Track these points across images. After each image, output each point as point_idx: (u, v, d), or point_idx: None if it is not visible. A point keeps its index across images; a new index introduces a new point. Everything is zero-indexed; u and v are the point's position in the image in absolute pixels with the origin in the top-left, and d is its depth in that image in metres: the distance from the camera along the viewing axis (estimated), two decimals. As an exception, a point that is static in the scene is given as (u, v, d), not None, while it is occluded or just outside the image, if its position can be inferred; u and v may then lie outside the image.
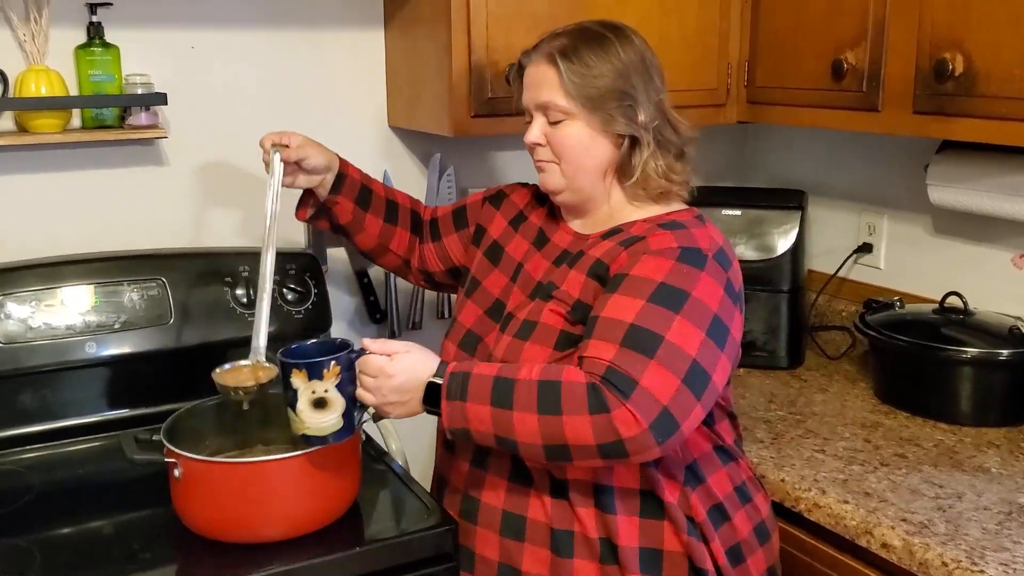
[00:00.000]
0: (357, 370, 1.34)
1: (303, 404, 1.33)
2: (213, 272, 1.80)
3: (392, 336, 2.10)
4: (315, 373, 1.31)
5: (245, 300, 1.80)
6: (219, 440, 1.53)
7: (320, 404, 1.33)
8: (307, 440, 1.35)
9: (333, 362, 1.32)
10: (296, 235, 2.00)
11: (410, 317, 2.12)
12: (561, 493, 1.38)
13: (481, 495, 1.44)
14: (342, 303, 2.06)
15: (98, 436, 1.71)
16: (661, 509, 1.36)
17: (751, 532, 1.42)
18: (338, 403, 1.33)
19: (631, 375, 1.23)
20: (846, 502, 1.45)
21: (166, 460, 1.34)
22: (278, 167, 1.54)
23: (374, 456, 1.62)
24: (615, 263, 1.36)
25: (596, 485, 1.36)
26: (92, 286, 1.70)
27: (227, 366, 1.46)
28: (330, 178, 1.61)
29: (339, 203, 1.62)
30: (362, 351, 1.34)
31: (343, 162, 1.63)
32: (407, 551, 1.38)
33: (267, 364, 1.45)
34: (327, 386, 1.32)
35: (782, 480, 1.54)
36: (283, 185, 1.55)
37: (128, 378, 1.75)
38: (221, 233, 1.92)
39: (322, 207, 1.64)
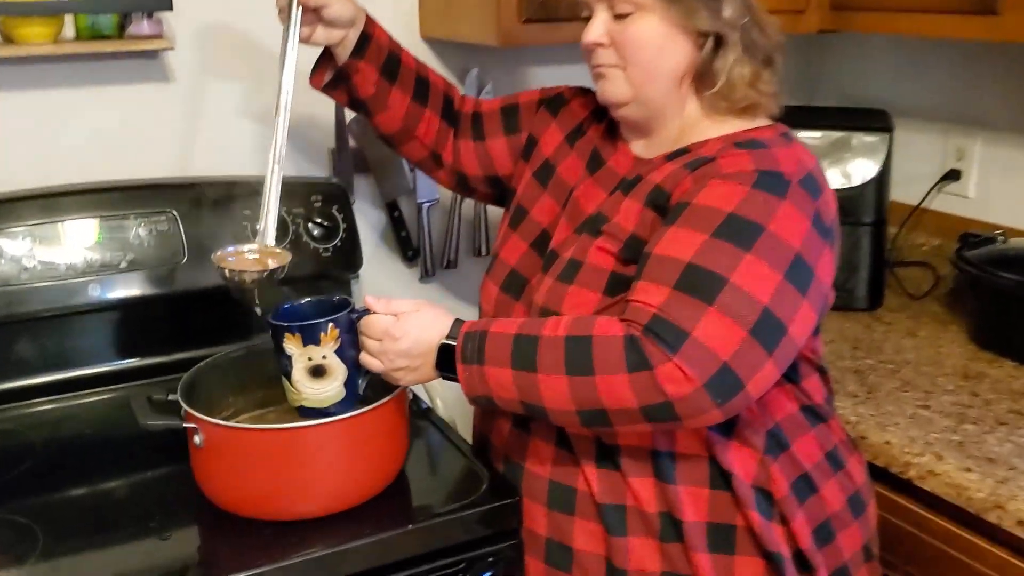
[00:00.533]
0: (360, 332, 1.16)
1: (299, 372, 1.14)
2: (230, 203, 1.59)
3: (425, 276, 1.90)
4: (310, 337, 1.13)
5: (266, 235, 1.59)
6: (243, 398, 1.34)
7: (318, 372, 1.14)
8: (304, 412, 1.16)
9: (331, 324, 1.13)
10: (318, 162, 1.78)
11: (445, 254, 1.92)
12: (610, 461, 1.18)
13: (525, 461, 1.25)
14: (370, 239, 1.85)
15: (105, 389, 1.53)
16: (732, 480, 1.17)
17: (844, 505, 1.22)
18: (338, 370, 1.15)
19: (681, 325, 1.03)
20: (969, 470, 1.26)
21: (185, 426, 1.15)
22: (296, 13, 1.27)
23: (415, 412, 1.43)
24: (677, 189, 1.14)
25: (653, 451, 1.17)
26: (94, 220, 1.50)
27: (230, 249, 1.26)
28: (353, 35, 1.32)
29: (361, 70, 1.34)
30: (364, 311, 1.15)
31: (370, 20, 1.35)
32: (465, 527, 1.19)
33: (277, 249, 1.26)
34: (325, 352, 1.14)
35: (887, 442, 1.35)
36: (299, 40, 1.29)
37: (137, 324, 1.56)
38: (238, 159, 1.70)
39: (341, 73, 1.36)
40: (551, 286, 1.20)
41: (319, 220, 1.64)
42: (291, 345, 1.13)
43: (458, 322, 1.14)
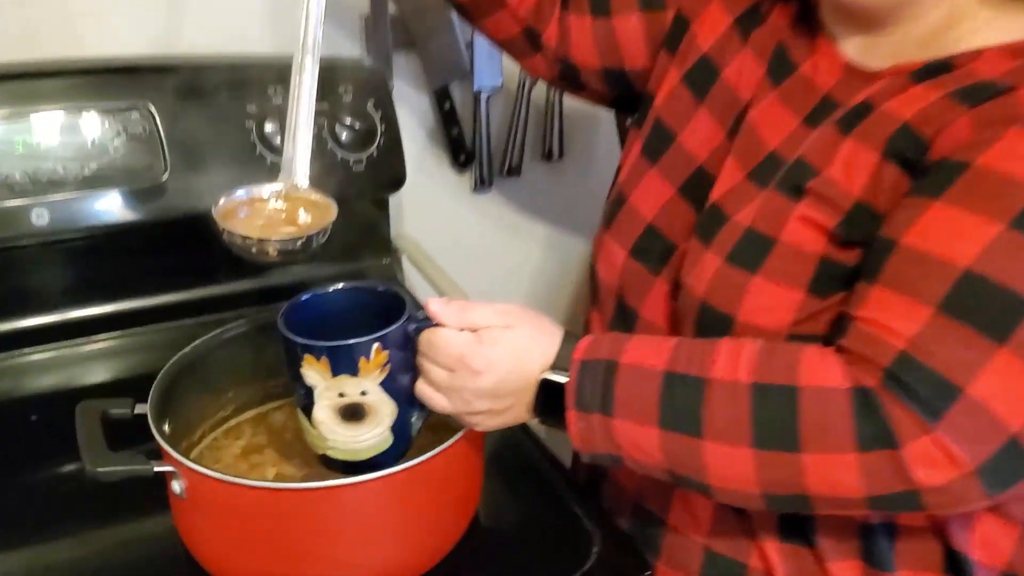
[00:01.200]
0: (419, 353, 0.75)
1: (324, 412, 0.74)
2: (229, 95, 1.15)
3: (479, 186, 1.47)
4: (344, 364, 0.72)
5: (278, 141, 1.16)
6: (250, 387, 0.95)
7: (354, 414, 0.74)
8: (330, 463, 0.78)
9: (376, 345, 0.72)
10: (346, 34, 1.33)
11: (506, 159, 1.48)
12: (800, 536, 0.81)
13: (669, 516, 0.87)
14: (412, 140, 1.41)
15: (53, 346, 1.13)
16: (973, 568, 0.79)
17: None
18: (384, 410, 0.75)
19: (949, 375, 0.64)
20: None
21: (157, 470, 0.75)
22: None
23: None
24: (944, 136, 0.70)
25: (863, 527, 0.79)
26: (40, 117, 1.07)
27: (239, 195, 0.83)
28: None
29: None
30: (425, 320, 0.74)
31: None
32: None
33: (313, 195, 0.84)
34: (366, 385, 0.73)
35: None
36: None
37: (100, 263, 1.15)
38: (240, 33, 1.25)
39: None
40: (719, 270, 0.79)
41: (350, 120, 1.20)
42: (314, 373, 0.72)
43: (568, 342, 0.74)
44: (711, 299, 0.78)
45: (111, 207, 1.10)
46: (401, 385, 0.74)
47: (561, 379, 0.72)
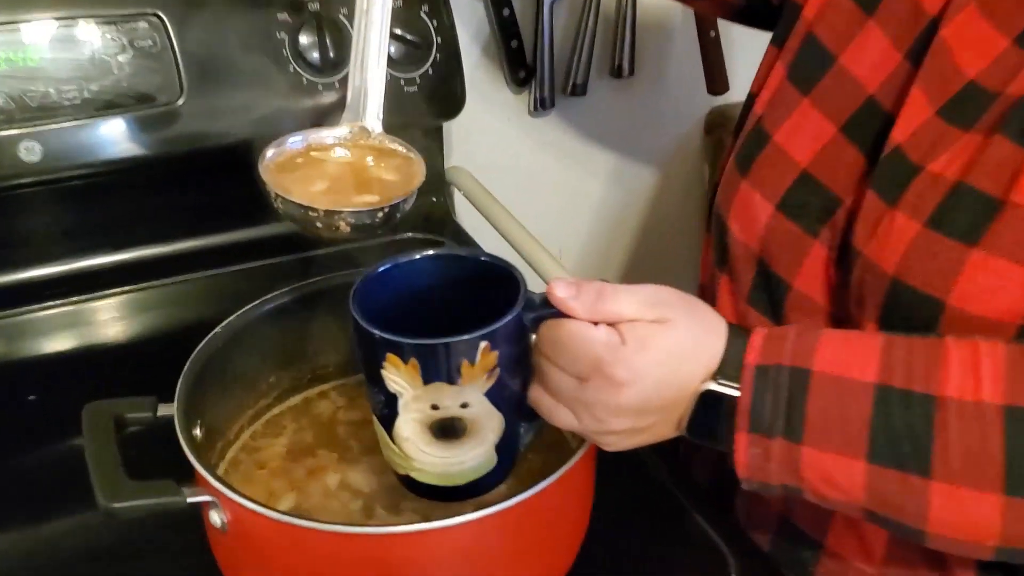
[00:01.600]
0: (537, 352, 0.56)
1: (411, 428, 0.56)
2: (255, 2, 0.95)
3: (539, 107, 1.27)
4: (441, 368, 0.53)
5: (316, 56, 0.96)
6: (293, 369, 0.77)
7: (451, 431, 0.55)
8: (415, 487, 0.59)
9: (484, 344, 0.53)
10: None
11: (570, 76, 1.28)
12: (1002, 566, 0.64)
13: (826, 539, 0.70)
14: (465, 55, 1.19)
15: (52, 305, 0.96)
16: None
17: None
18: (489, 425, 0.56)
19: None
20: None
21: (190, 501, 0.58)
22: None
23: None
24: None
25: None
26: (28, 28, 0.86)
27: (293, 141, 0.64)
28: None
29: None
30: (547, 309, 0.54)
31: None
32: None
33: (390, 142, 0.65)
34: (467, 396, 0.54)
35: None
36: None
37: (104, 206, 0.97)
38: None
39: None
40: (918, 238, 0.60)
41: (400, 31, 1.00)
42: (399, 378, 0.54)
43: (737, 338, 0.55)
44: (908, 276, 0.60)
45: (116, 138, 0.90)
46: (512, 392, 0.56)
47: (731, 391, 0.54)
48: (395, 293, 0.58)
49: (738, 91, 1.34)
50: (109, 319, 0.96)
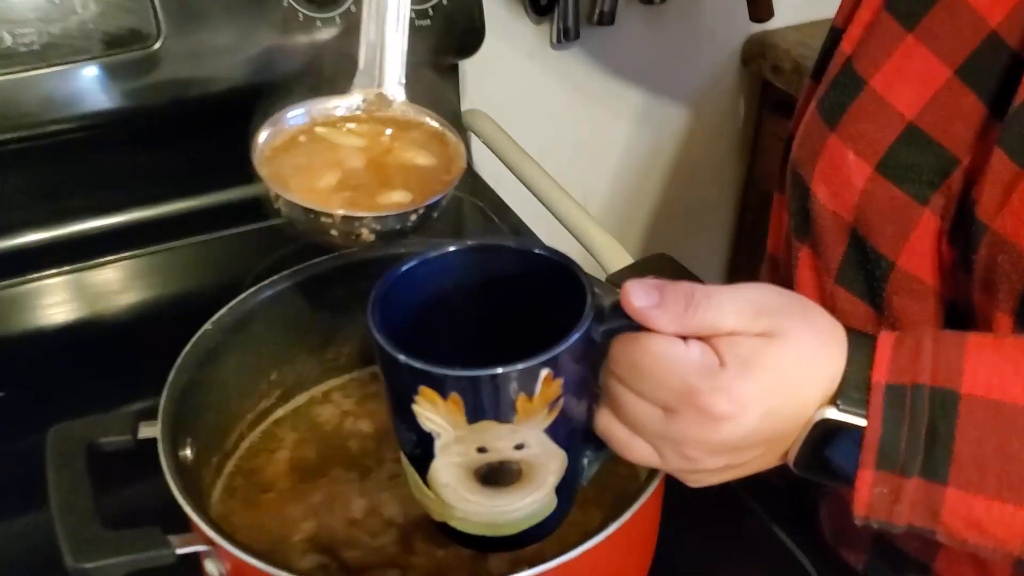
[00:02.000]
0: (609, 373, 0.44)
1: (451, 473, 0.44)
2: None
3: (562, 39, 1.14)
4: (491, 405, 0.42)
5: (314, -9, 0.83)
6: (297, 366, 0.65)
7: (501, 476, 0.44)
8: (456, 536, 0.48)
9: (547, 372, 0.41)
10: None
11: (596, 3, 1.15)
12: None
13: (935, 561, 0.59)
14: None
15: (11, 282, 0.84)
16: None
17: None
18: (549, 466, 0.45)
19: None
20: None
21: (179, 552, 0.47)
22: None
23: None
24: None
25: None
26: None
27: (293, 116, 0.51)
28: None
29: None
30: (620, 319, 0.42)
31: None
32: None
33: (414, 113, 0.52)
34: (525, 435, 0.43)
35: None
36: None
37: (73, 166, 0.85)
38: None
39: None
40: None
41: (408, -43, 0.87)
42: (436, 416, 0.42)
43: (859, 349, 0.44)
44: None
45: (84, 88, 0.78)
46: (577, 424, 0.45)
47: (855, 420, 0.43)
48: (423, 296, 0.46)
49: (782, 16, 1.21)
50: (88, 296, 0.85)
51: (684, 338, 0.42)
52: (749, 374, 0.41)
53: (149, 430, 0.52)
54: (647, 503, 0.48)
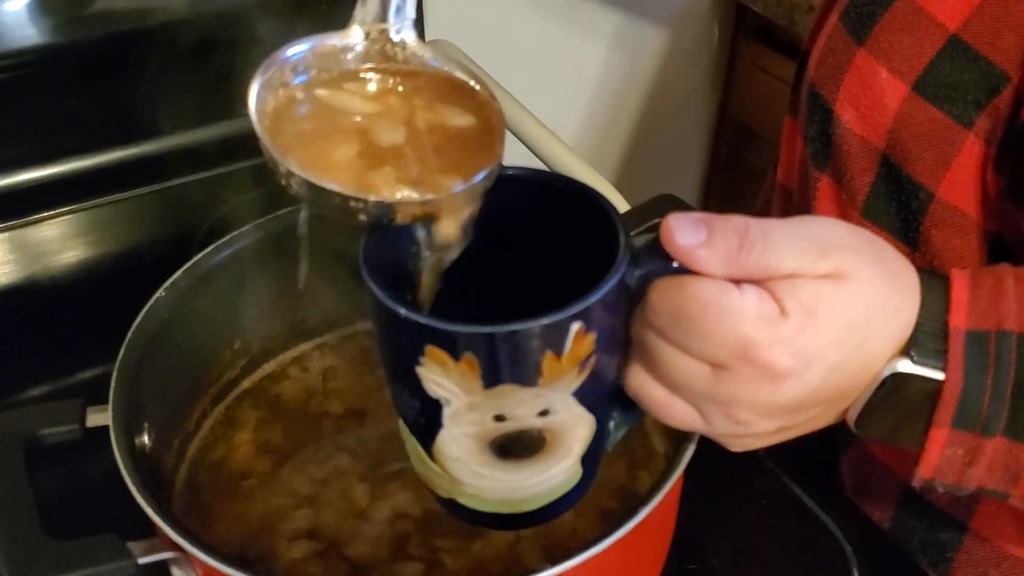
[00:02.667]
0: (648, 321, 0.37)
1: (462, 444, 0.37)
2: None
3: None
4: (513, 366, 0.35)
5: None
6: (258, 335, 0.58)
7: (520, 448, 0.37)
8: (463, 513, 0.41)
9: (579, 326, 0.34)
10: None
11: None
12: None
13: (972, 517, 0.55)
14: None
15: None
16: None
17: None
18: (576, 433, 0.38)
19: None
20: None
21: (141, 562, 0.40)
22: None
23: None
24: None
25: None
26: None
27: (294, 52, 0.38)
28: None
29: None
30: (657, 259, 0.36)
31: None
32: None
33: (431, 55, 0.40)
34: (551, 400, 0.36)
35: None
36: None
37: (13, 109, 0.75)
38: None
39: None
40: None
41: None
42: (445, 380, 0.35)
43: (933, 290, 0.38)
44: None
45: (6, 23, 0.69)
46: (607, 383, 0.39)
47: (932, 373, 0.37)
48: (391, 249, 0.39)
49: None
50: (22, 257, 0.76)
51: (737, 282, 0.35)
52: (814, 324, 0.35)
53: (98, 417, 0.45)
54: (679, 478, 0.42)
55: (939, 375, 0.37)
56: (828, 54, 0.57)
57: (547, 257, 0.40)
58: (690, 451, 0.43)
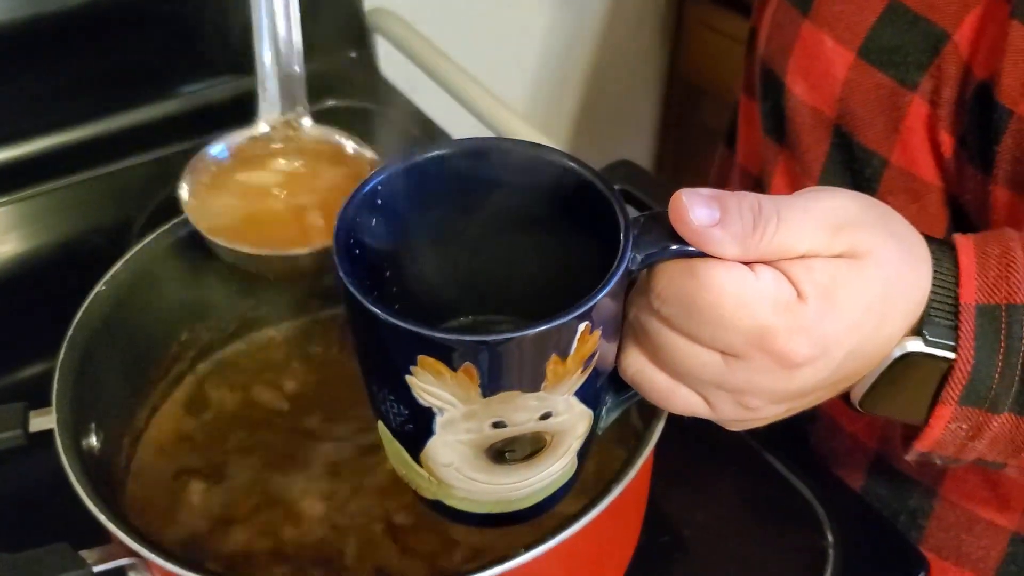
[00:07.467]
0: (653, 306, 0.34)
1: (455, 451, 0.35)
2: None
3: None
4: (510, 374, 0.33)
5: None
6: (212, 321, 0.56)
7: (516, 451, 0.35)
8: (449, 513, 0.39)
9: (585, 326, 0.32)
10: None
11: None
12: None
13: (941, 483, 0.55)
14: None
15: None
16: None
17: None
18: (575, 431, 0.36)
19: None
20: None
21: (96, 570, 0.39)
22: None
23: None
24: None
25: None
26: None
27: (215, 152, 0.49)
28: None
29: None
30: (663, 239, 0.33)
31: None
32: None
33: (326, 136, 0.51)
34: (554, 403, 0.34)
35: None
36: None
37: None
38: None
39: None
40: None
41: None
42: (440, 390, 0.33)
43: (943, 264, 0.36)
44: None
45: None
46: (605, 375, 0.37)
47: (943, 353, 0.36)
48: (396, 217, 0.37)
49: None
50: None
51: (750, 264, 0.33)
52: (832, 308, 0.33)
53: (42, 420, 0.43)
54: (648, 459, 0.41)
55: (951, 355, 0.36)
56: (776, 29, 0.56)
57: (533, 238, 0.37)
58: (660, 426, 0.42)
